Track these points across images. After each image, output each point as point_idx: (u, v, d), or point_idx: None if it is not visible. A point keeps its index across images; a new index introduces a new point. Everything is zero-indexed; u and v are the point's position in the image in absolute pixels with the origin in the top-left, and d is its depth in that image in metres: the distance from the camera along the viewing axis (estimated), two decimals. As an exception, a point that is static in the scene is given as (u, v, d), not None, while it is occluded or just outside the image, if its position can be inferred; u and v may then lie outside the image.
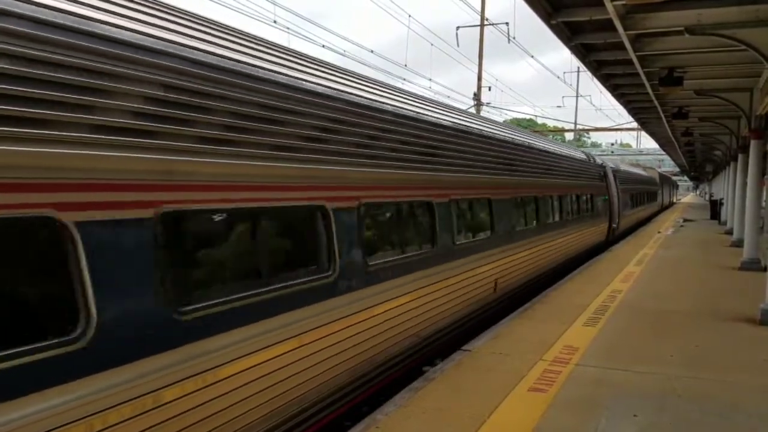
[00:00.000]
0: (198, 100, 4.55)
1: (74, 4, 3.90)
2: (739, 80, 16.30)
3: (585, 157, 21.04)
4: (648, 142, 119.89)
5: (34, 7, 3.57)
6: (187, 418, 4.27)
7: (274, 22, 21.89)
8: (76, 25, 3.77)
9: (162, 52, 4.36)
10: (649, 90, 17.20)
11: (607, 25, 11.57)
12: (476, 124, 11.08)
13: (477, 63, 35.20)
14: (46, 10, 3.64)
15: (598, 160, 23.01)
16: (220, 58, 4.93)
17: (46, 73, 3.51)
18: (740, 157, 21.55)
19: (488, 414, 5.84)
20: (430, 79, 51.88)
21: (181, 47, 4.59)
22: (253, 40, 5.85)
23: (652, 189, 41.49)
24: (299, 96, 5.75)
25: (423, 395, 6.34)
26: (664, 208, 52.15)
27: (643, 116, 27.37)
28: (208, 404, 4.44)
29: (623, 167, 30.31)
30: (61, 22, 3.69)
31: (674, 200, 72.99)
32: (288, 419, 5.45)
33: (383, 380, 7.21)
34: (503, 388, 6.55)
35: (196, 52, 4.71)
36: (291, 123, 5.59)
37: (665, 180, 56.32)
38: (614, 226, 23.81)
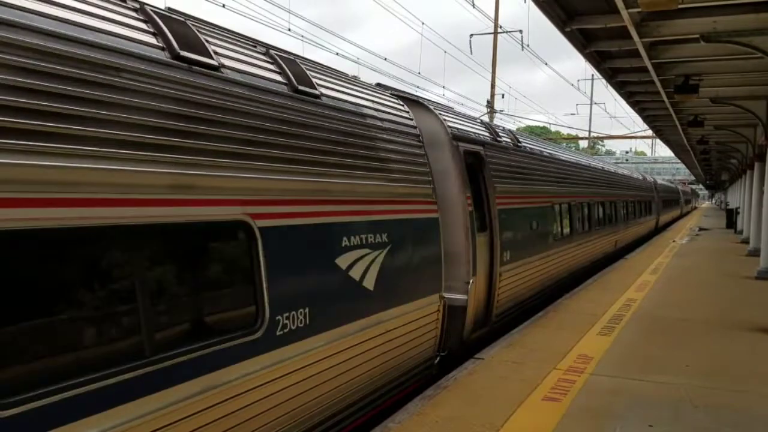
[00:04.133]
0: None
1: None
2: (755, 88, 16.18)
3: (673, 185, 54.77)
4: (663, 150, 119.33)
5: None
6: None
7: (288, 30, 21.94)
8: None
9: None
10: (665, 98, 17.10)
11: (622, 33, 11.52)
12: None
13: (490, 70, 35.19)
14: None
15: (679, 186, 60.30)
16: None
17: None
18: (756, 165, 21.38)
19: (502, 423, 5.80)
20: (443, 87, 51.75)
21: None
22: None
23: (689, 198, 78.23)
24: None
25: (436, 404, 6.31)
26: (693, 209, 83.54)
27: (658, 124, 27.20)
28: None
29: (680, 187, 62.38)
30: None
31: (696, 205, 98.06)
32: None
33: None
34: (517, 396, 6.51)
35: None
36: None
37: (693, 192, 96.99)
38: (683, 211, 59.64)
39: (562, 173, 14.65)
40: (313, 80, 6.03)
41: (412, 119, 8.00)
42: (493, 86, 35.46)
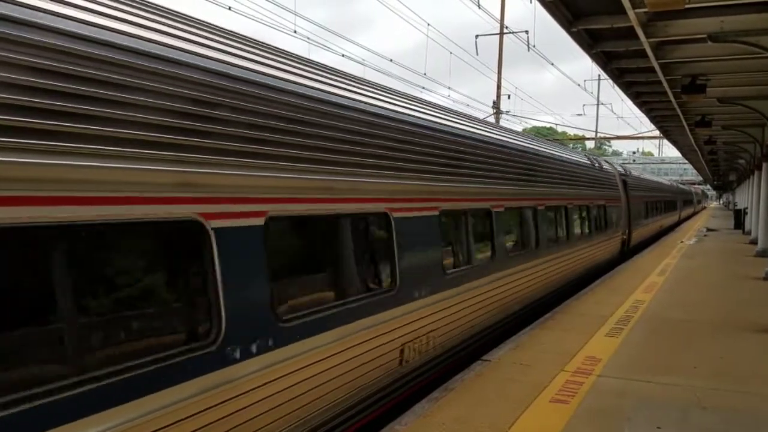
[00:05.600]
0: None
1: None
2: (763, 88, 16.09)
3: (688, 188, 66.05)
4: (670, 151, 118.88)
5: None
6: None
7: (294, 32, 22.00)
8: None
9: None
10: (672, 98, 17.04)
11: (629, 33, 11.48)
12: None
13: (496, 71, 35.15)
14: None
15: (695, 189, 78.36)
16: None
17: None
18: (765, 165, 21.27)
19: (509, 425, 5.78)
20: (449, 88, 51.68)
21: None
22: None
23: (700, 198, 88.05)
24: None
25: (443, 405, 6.29)
26: (703, 208, 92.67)
27: (666, 124, 27.10)
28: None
29: (694, 189, 75.73)
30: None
31: (705, 205, 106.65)
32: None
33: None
34: (524, 398, 6.49)
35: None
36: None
37: (703, 193, 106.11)
38: (695, 209, 71.00)
39: (645, 186, 28.84)
40: (600, 163, 19.62)
41: (613, 170, 21.06)
42: (499, 87, 35.45)
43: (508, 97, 71.98)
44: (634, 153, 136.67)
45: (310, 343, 5.20)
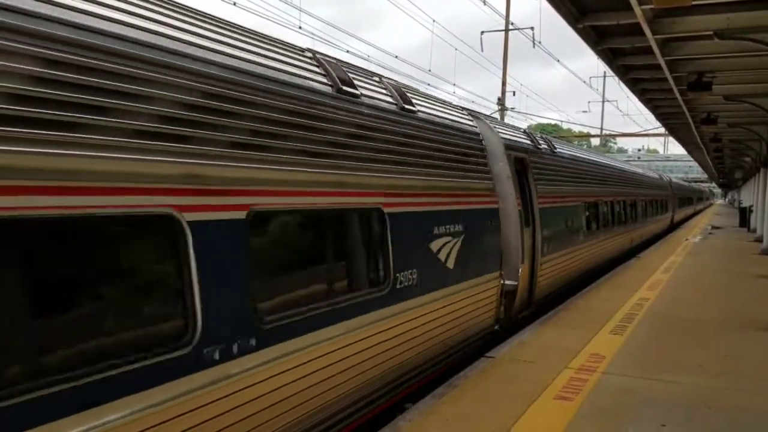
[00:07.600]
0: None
1: None
2: (769, 85, 16.01)
3: (699, 188, 79.22)
4: (675, 148, 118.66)
5: None
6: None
7: (300, 27, 22.06)
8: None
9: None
10: (678, 95, 16.96)
11: (635, 29, 11.43)
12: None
13: (501, 68, 35.09)
14: None
15: (703, 188, 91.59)
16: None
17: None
18: (770, 163, 21.19)
19: (513, 422, 5.78)
20: (454, 84, 51.71)
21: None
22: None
23: (708, 196, 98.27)
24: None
25: (446, 402, 6.29)
26: (711, 204, 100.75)
27: (671, 122, 26.97)
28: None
29: (704, 188, 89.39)
30: None
31: (712, 202, 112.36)
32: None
33: None
34: (528, 395, 6.49)
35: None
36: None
37: (710, 191, 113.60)
38: (705, 205, 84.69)
39: (680, 188, 43.03)
40: (662, 176, 38.64)
41: (666, 178, 38.52)
42: (504, 84, 35.38)
43: (513, 94, 71.67)
44: (639, 150, 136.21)
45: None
